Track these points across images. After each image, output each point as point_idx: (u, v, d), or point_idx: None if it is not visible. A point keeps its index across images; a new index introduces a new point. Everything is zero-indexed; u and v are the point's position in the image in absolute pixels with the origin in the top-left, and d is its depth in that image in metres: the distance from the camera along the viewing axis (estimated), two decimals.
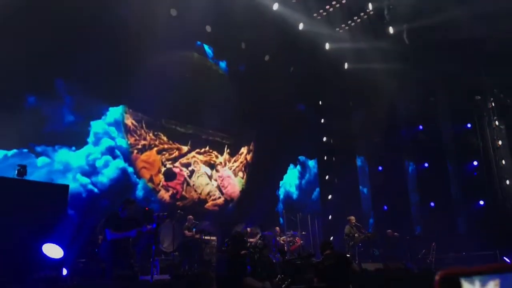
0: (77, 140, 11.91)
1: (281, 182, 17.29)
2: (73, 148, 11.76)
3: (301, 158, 18.21)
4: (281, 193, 17.22)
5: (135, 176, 13.06)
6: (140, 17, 12.17)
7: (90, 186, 11.95)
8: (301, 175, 18.02)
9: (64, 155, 11.53)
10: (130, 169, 12.98)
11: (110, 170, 12.49)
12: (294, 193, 17.60)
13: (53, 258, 6.92)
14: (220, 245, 11.15)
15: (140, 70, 12.55)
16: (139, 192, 13.06)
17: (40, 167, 10.91)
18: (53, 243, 7.14)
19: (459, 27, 13.60)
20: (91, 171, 12.09)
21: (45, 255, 6.77)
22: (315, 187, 18.11)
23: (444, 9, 13.42)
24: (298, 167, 18.05)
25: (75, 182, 11.57)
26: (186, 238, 11.40)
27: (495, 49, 13.88)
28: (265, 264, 8.22)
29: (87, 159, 12.07)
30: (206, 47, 15.89)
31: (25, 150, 10.70)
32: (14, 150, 10.49)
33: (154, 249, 7.96)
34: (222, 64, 16.45)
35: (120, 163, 12.74)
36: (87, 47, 11.30)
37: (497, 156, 16.27)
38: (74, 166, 11.69)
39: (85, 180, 11.89)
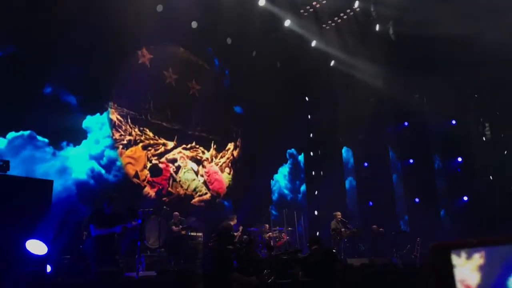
0: (82, 134, 12.25)
1: (272, 182, 17.39)
2: (80, 142, 12.13)
3: (293, 151, 18.36)
4: (276, 189, 17.35)
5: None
6: (127, 12, 12.02)
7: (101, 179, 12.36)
8: (291, 170, 18.17)
9: (73, 149, 11.93)
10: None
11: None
12: (285, 189, 17.69)
13: (37, 255, 6.82)
14: (207, 241, 11.12)
15: (126, 65, 12.49)
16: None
17: (52, 158, 11.32)
18: (37, 239, 7.03)
19: (445, 24, 13.71)
20: (101, 163, 12.50)
21: (28, 251, 6.67)
22: (303, 183, 18.20)
23: (429, 7, 13.52)
24: (289, 163, 18.17)
25: (86, 175, 11.98)
26: (172, 234, 11.35)
27: (479, 47, 13.98)
28: (251, 260, 8.21)
29: (92, 153, 12.38)
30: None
31: (40, 138, 11.17)
32: (28, 132, 10.91)
33: (140, 245, 7.92)
34: (226, 72, 16.64)
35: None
36: (74, 42, 11.23)
37: (481, 152, 16.46)
38: (82, 160, 12.06)
39: (99, 170, 12.36)
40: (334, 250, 11.18)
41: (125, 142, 13.20)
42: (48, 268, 7.79)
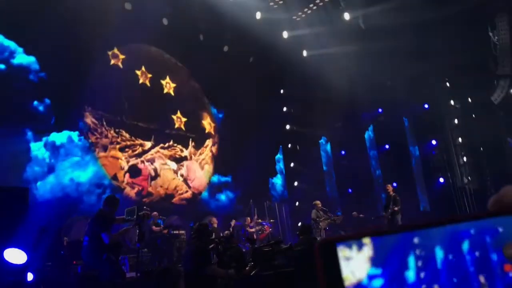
0: None
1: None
2: None
3: None
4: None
5: None
6: (94, 12, 11.86)
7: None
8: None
9: None
10: None
11: None
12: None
13: (16, 264, 6.76)
14: (189, 238, 11.14)
15: (97, 67, 12.36)
16: None
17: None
18: (15, 247, 6.96)
19: (412, 10, 13.91)
20: None
21: (6, 261, 6.61)
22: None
23: None
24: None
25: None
26: (154, 234, 11.34)
27: (448, 29, 14.23)
28: (233, 254, 8.27)
29: None
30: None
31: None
32: None
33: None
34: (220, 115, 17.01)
35: None
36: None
37: (454, 134, 16.81)
38: None
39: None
40: (317, 238, 11.33)
41: (101, 144, 13.09)
42: (30, 277, 7.71)
